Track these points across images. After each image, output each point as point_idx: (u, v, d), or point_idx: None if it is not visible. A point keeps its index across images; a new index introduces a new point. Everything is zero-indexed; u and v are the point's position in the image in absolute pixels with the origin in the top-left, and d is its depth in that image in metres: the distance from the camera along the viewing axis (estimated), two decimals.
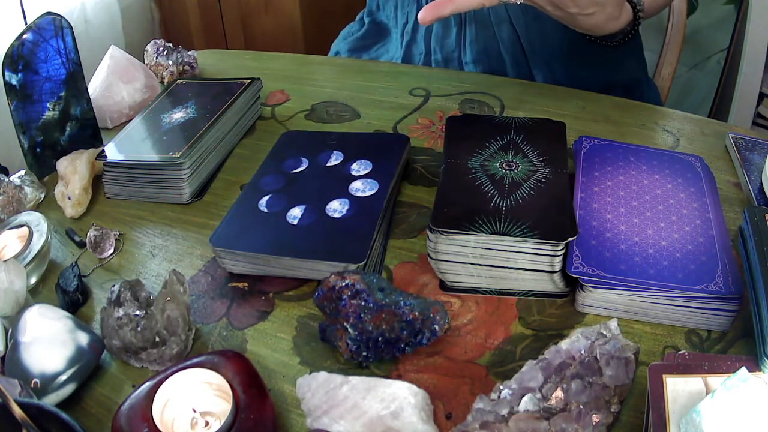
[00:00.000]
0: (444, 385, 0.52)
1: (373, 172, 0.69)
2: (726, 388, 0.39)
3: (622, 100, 0.87)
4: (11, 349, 0.53)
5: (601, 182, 0.64)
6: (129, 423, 0.46)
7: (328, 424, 0.46)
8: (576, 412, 0.44)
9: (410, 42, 1.04)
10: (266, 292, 0.62)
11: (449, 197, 0.59)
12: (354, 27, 1.15)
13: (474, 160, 0.64)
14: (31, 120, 0.76)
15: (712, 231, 0.58)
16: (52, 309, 0.56)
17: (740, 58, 1.55)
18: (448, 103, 0.88)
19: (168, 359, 0.54)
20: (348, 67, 1.04)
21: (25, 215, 0.70)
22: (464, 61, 0.99)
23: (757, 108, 1.60)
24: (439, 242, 0.56)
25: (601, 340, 0.48)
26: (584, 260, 0.55)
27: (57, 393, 0.51)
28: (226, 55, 1.15)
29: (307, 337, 0.57)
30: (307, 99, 0.93)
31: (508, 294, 0.59)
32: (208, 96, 0.84)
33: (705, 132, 0.79)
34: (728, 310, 0.52)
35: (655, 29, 1.38)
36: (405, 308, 0.52)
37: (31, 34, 0.73)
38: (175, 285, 0.55)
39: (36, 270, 0.65)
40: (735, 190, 0.69)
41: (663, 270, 0.54)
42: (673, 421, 0.41)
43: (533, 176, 0.61)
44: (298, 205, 0.65)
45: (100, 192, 0.77)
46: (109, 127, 0.90)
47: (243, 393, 0.47)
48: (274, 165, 0.73)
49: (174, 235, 0.70)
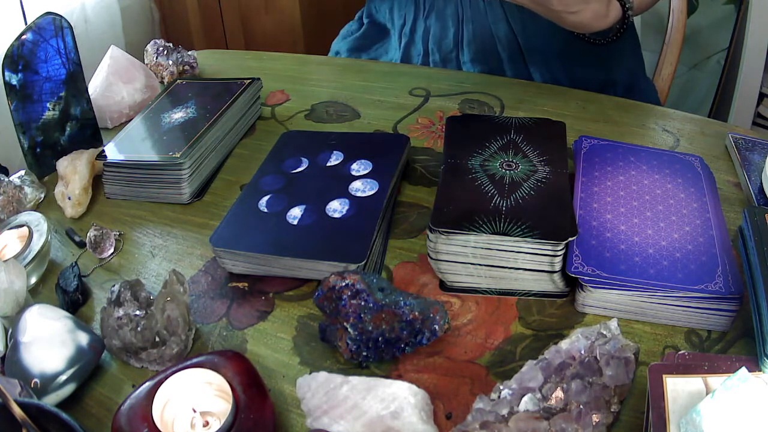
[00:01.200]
0: (444, 385, 0.52)
1: (373, 172, 0.69)
2: (726, 388, 0.39)
3: (622, 100, 0.87)
4: (11, 349, 0.53)
5: (601, 182, 0.64)
6: (129, 423, 0.46)
7: (328, 424, 0.46)
8: (576, 412, 0.44)
9: (408, 43, 1.04)
10: (266, 292, 0.62)
11: (449, 197, 0.59)
12: (353, 26, 1.15)
13: (474, 160, 0.64)
14: (31, 120, 0.76)
15: (712, 231, 0.58)
16: (52, 309, 0.56)
17: (740, 58, 1.55)
18: (448, 103, 0.88)
19: (168, 359, 0.54)
20: (348, 67, 1.04)
21: (25, 215, 0.70)
22: (462, 61, 0.99)
23: (757, 108, 1.60)
24: (439, 242, 0.56)
25: (601, 340, 0.48)
26: (584, 260, 0.55)
27: (57, 393, 0.51)
28: (226, 55, 1.15)
29: (307, 337, 0.57)
30: (307, 99, 0.93)
31: (508, 294, 0.59)
32: (208, 96, 0.84)
33: (705, 132, 0.79)
34: (728, 310, 0.52)
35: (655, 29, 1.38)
36: (405, 308, 0.52)
37: (31, 34, 0.73)
38: (175, 285, 0.55)
39: (36, 270, 0.65)
40: (735, 190, 0.69)
41: (663, 270, 0.54)
42: (673, 421, 0.41)
43: (533, 176, 0.61)
44: (298, 205, 0.65)
45: (100, 192, 0.77)
46: (109, 127, 0.90)
47: (243, 393, 0.47)
48: (274, 165, 0.73)
49: (174, 235, 0.70)
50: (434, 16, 0.99)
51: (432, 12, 0.99)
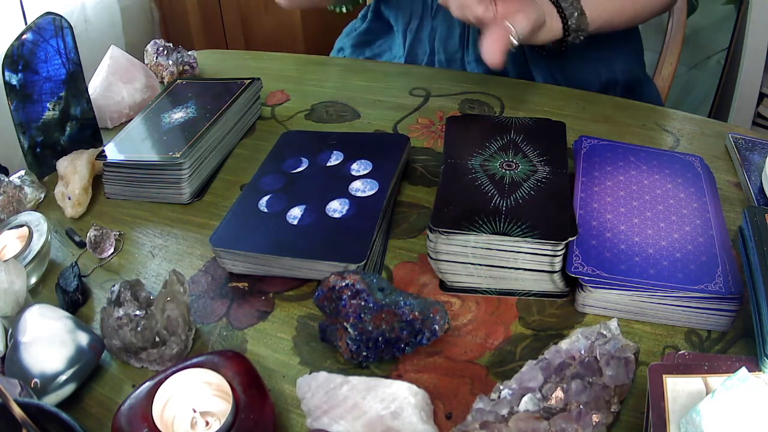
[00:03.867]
0: (444, 385, 0.52)
1: (373, 172, 0.69)
2: (726, 388, 0.39)
3: (622, 100, 0.87)
4: (11, 349, 0.53)
5: (601, 182, 0.64)
6: (129, 423, 0.46)
7: (328, 424, 0.46)
8: (576, 412, 0.44)
9: (414, 41, 1.04)
10: (266, 292, 0.62)
11: (449, 197, 0.59)
12: (357, 23, 1.15)
13: (474, 160, 0.64)
14: (31, 120, 0.76)
15: (712, 231, 0.58)
16: (52, 309, 0.56)
17: (740, 58, 1.55)
18: (448, 103, 0.88)
19: (168, 359, 0.54)
20: (348, 67, 1.04)
21: (25, 215, 0.70)
22: (467, 61, 0.99)
23: (757, 108, 1.60)
24: (439, 242, 0.56)
25: (601, 340, 0.48)
26: (584, 260, 0.55)
27: (57, 393, 0.51)
28: (226, 55, 1.15)
29: (307, 337, 0.57)
30: (307, 99, 0.93)
31: (508, 294, 0.59)
32: (208, 96, 0.84)
33: (705, 132, 0.79)
34: (728, 310, 0.52)
35: (655, 29, 1.38)
36: (405, 308, 0.52)
37: (31, 34, 0.73)
38: (175, 285, 0.55)
39: (36, 270, 0.65)
40: (735, 190, 0.69)
41: (663, 270, 0.54)
42: (673, 421, 0.41)
43: (533, 176, 0.61)
44: (298, 205, 0.65)
45: (100, 192, 0.77)
46: (109, 127, 0.90)
47: (243, 393, 0.47)
48: (274, 165, 0.73)
49: (174, 235, 0.70)
50: (441, 17, 0.99)
51: (439, 13, 0.99)
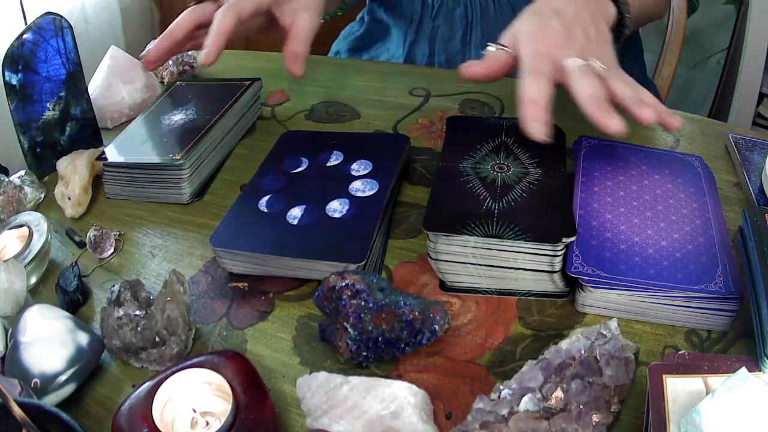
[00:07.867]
0: (444, 385, 0.52)
1: (373, 172, 0.69)
2: (726, 388, 0.39)
3: None
4: (11, 349, 0.53)
5: (601, 182, 0.64)
6: (129, 423, 0.46)
7: (328, 424, 0.46)
8: (576, 412, 0.44)
9: (414, 42, 1.04)
10: (266, 292, 0.62)
11: (441, 200, 0.59)
12: (354, 26, 1.15)
13: (465, 163, 0.64)
14: (31, 120, 0.76)
15: (712, 231, 0.58)
16: (52, 309, 0.56)
17: (740, 58, 1.55)
18: (447, 103, 0.88)
19: (168, 359, 0.54)
20: (348, 67, 1.04)
21: (25, 215, 0.70)
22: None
23: (757, 108, 1.61)
24: (439, 242, 0.56)
25: (601, 340, 0.48)
26: (584, 260, 0.55)
27: (57, 393, 0.51)
28: (226, 55, 1.14)
29: (307, 337, 0.57)
30: (307, 99, 0.93)
31: (508, 294, 0.59)
32: (208, 96, 0.84)
33: (705, 132, 0.79)
34: (728, 310, 0.52)
35: (655, 29, 1.38)
36: (405, 308, 0.52)
37: (31, 34, 0.73)
38: (175, 285, 0.55)
39: (36, 270, 0.65)
40: (735, 190, 0.69)
41: (663, 270, 0.54)
42: (673, 421, 0.41)
43: (525, 178, 0.61)
44: (298, 205, 0.65)
45: (100, 192, 0.77)
46: (109, 127, 0.90)
47: (243, 393, 0.47)
48: (274, 165, 0.73)
49: (174, 235, 0.70)
50: (442, 17, 0.99)
51: (440, 12, 0.99)
